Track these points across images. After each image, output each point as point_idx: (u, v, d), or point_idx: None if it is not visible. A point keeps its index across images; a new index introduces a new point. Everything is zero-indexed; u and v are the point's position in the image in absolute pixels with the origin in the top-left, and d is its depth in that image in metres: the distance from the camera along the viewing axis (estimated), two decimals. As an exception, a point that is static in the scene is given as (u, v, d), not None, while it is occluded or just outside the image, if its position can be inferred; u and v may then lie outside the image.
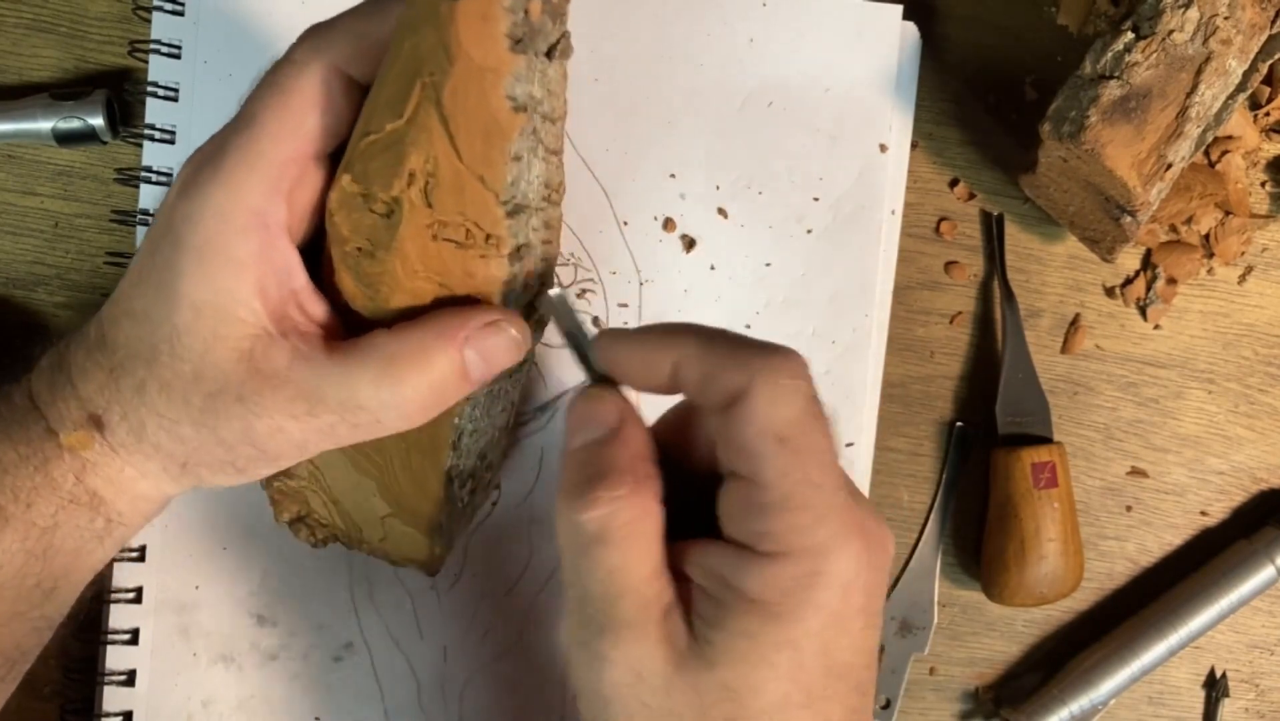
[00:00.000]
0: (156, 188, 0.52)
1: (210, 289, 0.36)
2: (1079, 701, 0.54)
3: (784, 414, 0.33)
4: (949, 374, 0.56)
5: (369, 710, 0.53)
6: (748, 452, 0.33)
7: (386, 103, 0.35)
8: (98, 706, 0.52)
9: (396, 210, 0.36)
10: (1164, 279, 0.56)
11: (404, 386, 0.36)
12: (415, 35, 0.34)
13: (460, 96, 0.34)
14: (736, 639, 0.33)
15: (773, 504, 0.32)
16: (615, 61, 0.54)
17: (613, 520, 0.33)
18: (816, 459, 0.33)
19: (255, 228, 0.36)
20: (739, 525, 0.33)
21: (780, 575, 0.32)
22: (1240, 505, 0.57)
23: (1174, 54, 0.47)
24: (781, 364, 0.33)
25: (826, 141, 0.54)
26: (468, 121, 0.35)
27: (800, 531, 0.32)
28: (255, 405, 0.36)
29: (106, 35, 0.53)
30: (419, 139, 0.35)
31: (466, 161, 0.35)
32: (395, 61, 0.35)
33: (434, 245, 0.37)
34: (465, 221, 0.36)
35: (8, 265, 0.53)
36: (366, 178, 0.36)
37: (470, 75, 0.34)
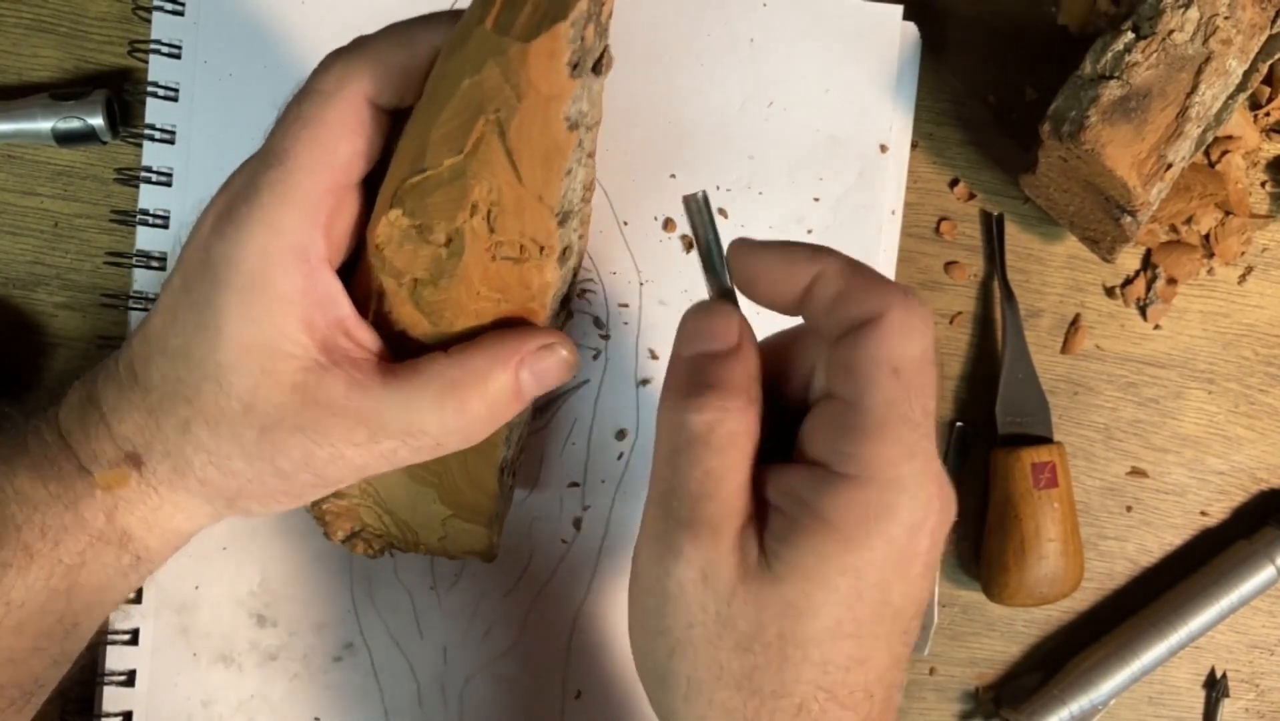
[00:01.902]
0: (156, 188, 0.52)
1: (256, 327, 0.36)
2: (1079, 701, 0.54)
3: (908, 348, 0.33)
4: (949, 374, 0.56)
5: (369, 710, 0.53)
6: (861, 376, 0.33)
7: (443, 140, 0.35)
8: (98, 706, 0.52)
9: (458, 239, 0.37)
10: (1164, 279, 0.56)
11: (466, 411, 0.37)
12: (476, 74, 0.34)
13: (525, 128, 0.35)
14: (804, 556, 0.33)
15: (869, 428, 0.33)
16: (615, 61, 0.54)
17: (720, 426, 0.34)
18: (922, 401, 0.33)
19: (297, 263, 0.36)
20: (827, 444, 0.34)
21: (857, 498, 0.33)
22: (1240, 505, 0.57)
23: (1174, 54, 0.47)
24: (917, 305, 0.34)
25: (826, 141, 0.54)
26: (530, 149, 0.35)
27: (887, 462, 0.33)
28: (315, 435, 0.37)
29: (106, 35, 0.53)
30: (481, 172, 0.35)
31: (527, 185, 0.36)
32: (449, 99, 0.35)
33: (494, 265, 0.37)
34: (522, 239, 0.37)
35: (8, 265, 0.53)
36: (424, 212, 0.37)
37: (536, 107, 0.34)
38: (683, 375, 0.35)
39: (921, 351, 0.33)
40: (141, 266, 0.52)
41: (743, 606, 0.33)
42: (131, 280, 0.53)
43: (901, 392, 0.33)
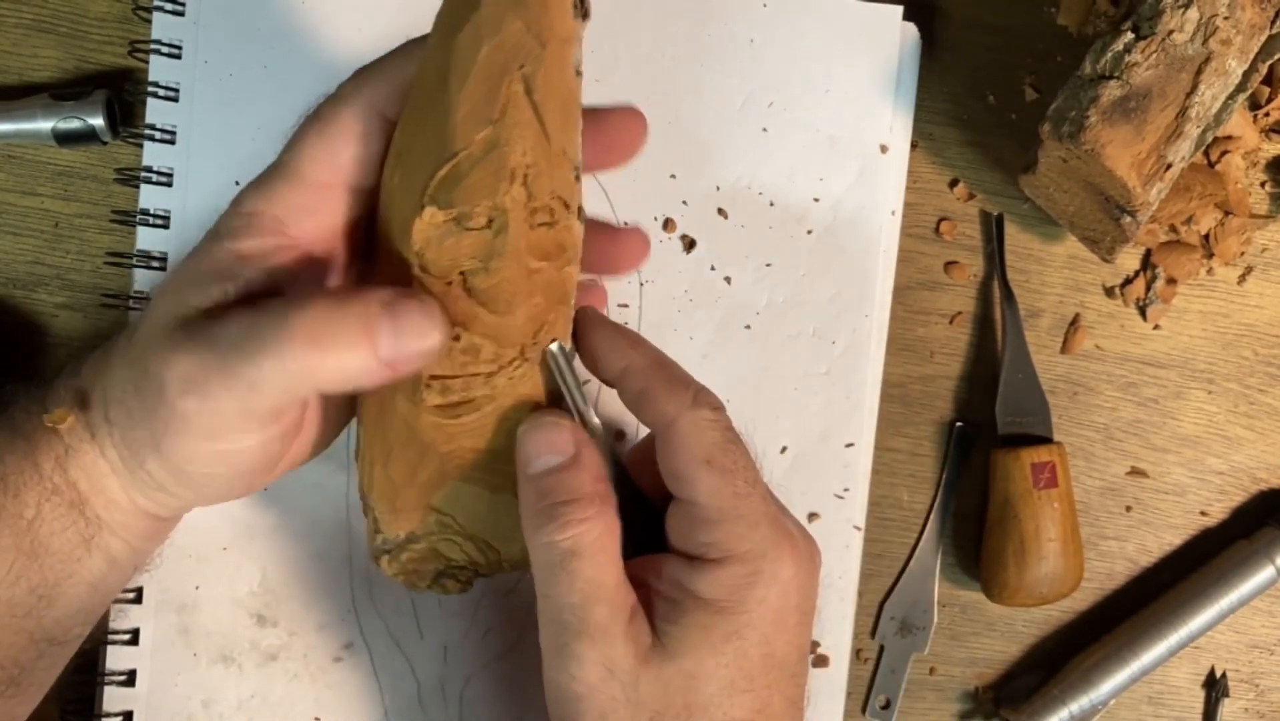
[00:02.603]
0: (156, 188, 0.52)
1: (199, 264, 0.37)
2: (1079, 701, 0.54)
3: (707, 439, 0.38)
4: (949, 374, 0.56)
5: (369, 710, 0.53)
6: (682, 476, 0.38)
7: (469, 116, 0.35)
8: (98, 706, 0.52)
9: (499, 216, 0.36)
10: (1164, 279, 0.56)
11: (303, 330, 0.34)
12: (496, 35, 0.35)
13: (548, 78, 0.35)
14: (692, 631, 0.38)
15: (711, 520, 0.38)
16: (616, 61, 0.54)
17: (585, 537, 0.37)
18: (742, 475, 0.38)
19: (273, 231, 0.37)
20: (686, 540, 0.38)
21: (726, 576, 0.38)
22: (1240, 505, 0.57)
23: (1174, 54, 0.47)
24: (703, 399, 0.38)
25: (826, 141, 0.54)
26: (553, 101, 0.36)
27: (738, 539, 0.38)
28: (166, 351, 0.35)
29: (106, 35, 0.53)
30: (514, 136, 0.36)
31: (553, 141, 0.36)
32: (467, 74, 0.35)
33: (534, 234, 0.37)
34: (552, 200, 0.37)
35: (8, 265, 0.53)
36: (462, 198, 0.36)
37: (555, 54, 0.35)
38: (533, 496, 0.38)
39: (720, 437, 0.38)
40: (142, 267, 0.52)
41: (649, 686, 0.37)
42: (132, 280, 0.53)
43: (722, 479, 0.38)
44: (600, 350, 0.40)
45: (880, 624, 0.56)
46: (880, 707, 0.56)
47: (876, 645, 0.56)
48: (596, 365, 0.40)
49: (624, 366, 0.39)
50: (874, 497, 0.55)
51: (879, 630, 0.56)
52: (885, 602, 0.56)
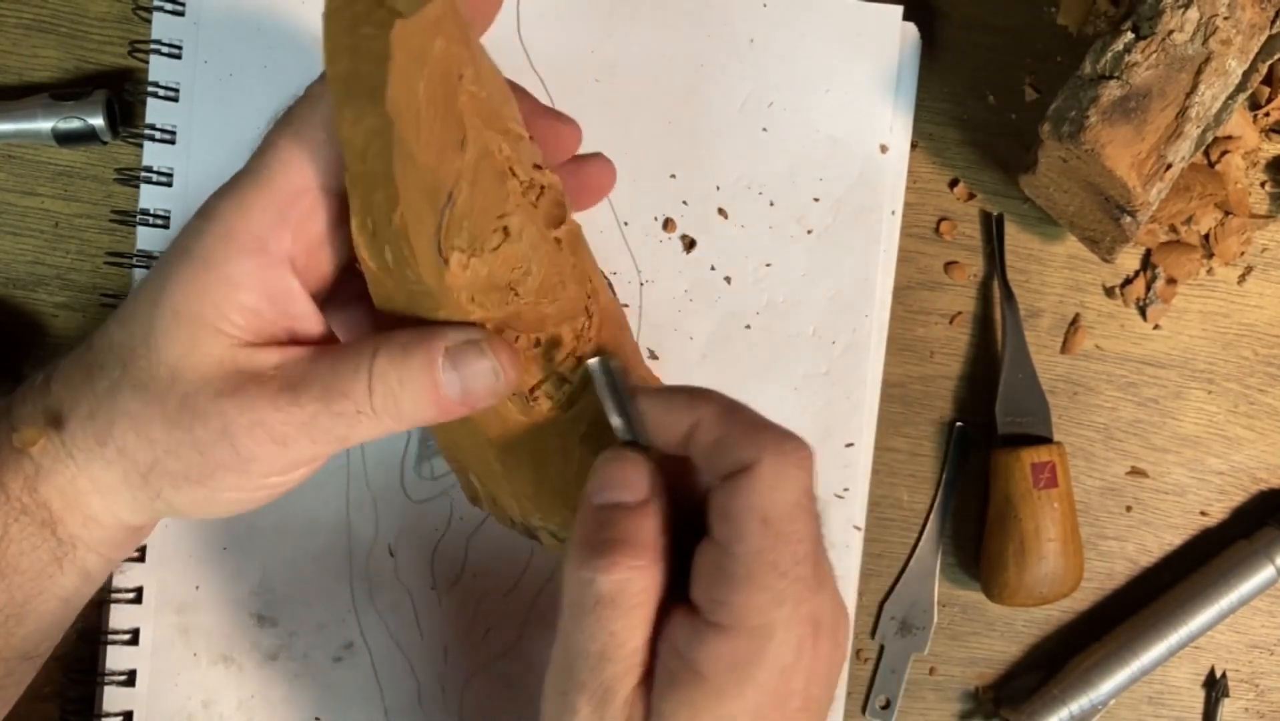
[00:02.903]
0: (157, 188, 0.52)
1: (196, 300, 0.36)
2: (1079, 701, 0.54)
3: (778, 498, 0.35)
4: (949, 374, 0.56)
5: (369, 710, 0.53)
6: (732, 524, 0.35)
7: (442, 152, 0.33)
8: (98, 706, 0.52)
9: (513, 217, 0.36)
10: (1164, 279, 0.56)
11: (382, 381, 0.36)
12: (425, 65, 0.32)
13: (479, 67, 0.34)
14: (680, 709, 0.35)
15: (737, 577, 0.35)
16: (615, 62, 0.54)
17: (628, 586, 0.35)
18: (791, 548, 0.35)
19: (255, 252, 0.36)
20: (704, 588, 0.35)
21: (725, 649, 0.35)
22: (1240, 505, 0.57)
23: (1174, 54, 0.47)
24: (792, 450, 0.35)
25: (826, 141, 0.54)
26: (489, 83, 0.35)
27: (754, 609, 0.34)
28: (237, 399, 0.36)
29: (106, 35, 0.53)
30: (485, 140, 0.35)
31: (506, 119, 0.36)
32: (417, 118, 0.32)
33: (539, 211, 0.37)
34: (532, 172, 0.37)
35: (8, 265, 0.53)
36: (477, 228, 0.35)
37: (474, 41, 0.34)
38: (591, 525, 0.36)
39: (794, 499, 0.35)
40: (142, 267, 0.52)
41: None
42: (132, 281, 0.53)
43: (769, 542, 0.34)
44: (659, 415, 0.37)
45: (880, 624, 0.56)
46: (880, 707, 0.56)
47: (876, 645, 0.56)
48: (660, 432, 0.37)
49: (692, 422, 0.36)
50: (874, 497, 0.55)
51: (879, 630, 0.56)
52: (885, 602, 0.56)
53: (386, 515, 0.53)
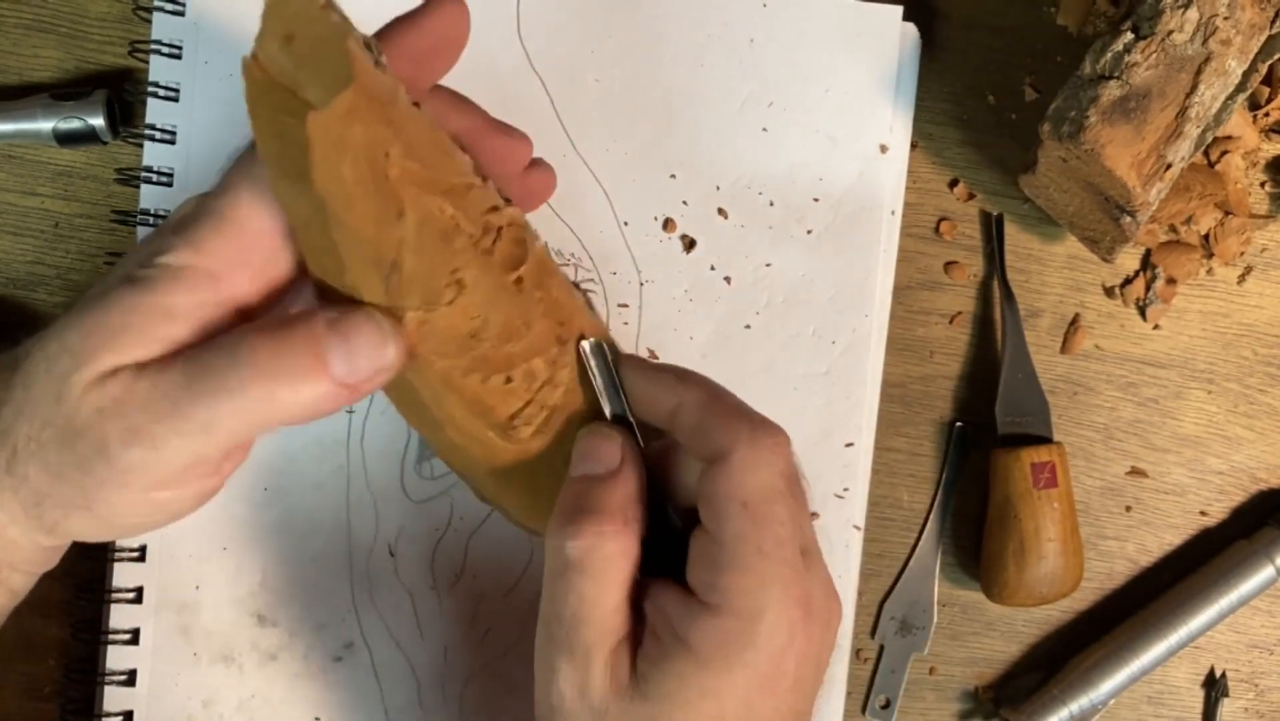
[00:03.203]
0: (157, 188, 0.52)
1: (120, 316, 0.34)
2: (1079, 701, 0.54)
3: (754, 482, 0.36)
4: (949, 374, 0.56)
5: (369, 710, 0.53)
6: (715, 510, 0.36)
7: (378, 226, 0.33)
8: (98, 706, 0.52)
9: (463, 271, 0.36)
10: (1164, 279, 0.56)
11: (247, 351, 0.33)
12: (346, 151, 0.32)
13: (408, 138, 0.34)
14: (669, 679, 0.36)
15: (723, 562, 0.36)
16: (615, 61, 0.54)
17: (593, 552, 0.37)
18: (772, 529, 0.36)
19: (205, 288, 0.34)
20: (696, 570, 0.37)
21: (716, 627, 0.36)
22: (1240, 505, 0.57)
23: (1173, 54, 0.47)
24: (764, 436, 0.36)
25: (826, 141, 0.54)
26: (422, 148, 0.34)
27: (742, 592, 0.36)
28: (109, 408, 0.34)
29: (106, 35, 0.53)
30: (424, 205, 0.34)
31: (447, 174, 0.35)
32: (350, 200, 0.32)
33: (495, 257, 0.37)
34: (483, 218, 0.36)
35: (8, 265, 0.53)
36: (425, 288, 0.35)
37: (398, 115, 0.33)
38: (567, 499, 0.38)
39: (769, 482, 0.36)
40: (142, 266, 0.52)
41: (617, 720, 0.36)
42: (132, 280, 0.53)
43: (750, 525, 0.36)
44: (645, 391, 0.39)
45: (880, 624, 0.56)
46: (880, 707, 0.56)
47: (876, 645, 0.56)
48: (646, 407, 0.39)
49: (676, 403, 0.38)
50: (874, 497, 0.55)
51: (879, 630, 0.56)
52: (885, 602, 0.56)
53: (386, 515, 0.53)
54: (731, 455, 0.36)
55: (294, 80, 0.32)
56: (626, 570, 0.37)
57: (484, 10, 0.53)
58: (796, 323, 0.54)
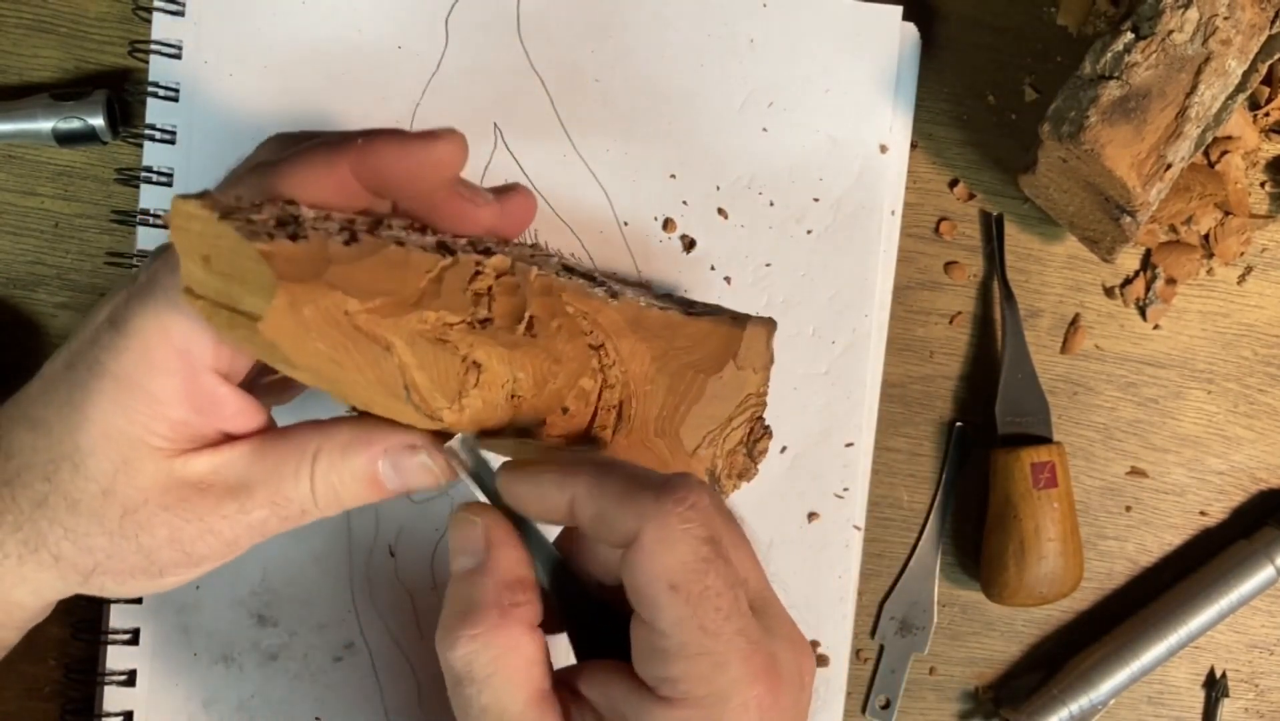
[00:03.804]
0: (157, 188, 0.52)
1: (124, 418, 0.35)
2: (1079, 701, 0.54)
3: (673, 560, 0.32)
4: (949, 374, 0.56)
5: (369, 710, 0.53)
6: (643, 598, 0.33)
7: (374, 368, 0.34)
8: (98, 706, 0.52)
9: (474, 351, 0.36)
10: (1164, 279, 0.56)
11: (322, 482, 0.37)
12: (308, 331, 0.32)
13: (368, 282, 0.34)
14: None
15: (670, 651, 0.32)
16: (615, 61, 0.54)
17: (476, 659, 0.34)
18: (711, 604, 0.32)
19: (180, 367, 0.35)
20: (643, 664, 0.34)
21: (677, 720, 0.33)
22: (1240, 505, 0.57)
23: (1173, 54, 0.47)
24: (672, 507, 0.33)
25: (826, 141, 0.54)
26: (383, 280, 0.34)
27: (698, 680, 0.32)
28: (182, 511, 0.36)
29: (106, 35, 0.53)
30: (404, 331, 0.35)
31: (414, 280, 0.35)
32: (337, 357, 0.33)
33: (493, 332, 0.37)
34: (469, 304, 0.36)
35: (8, 265, 0.53)
36: (448, 385, 0.36)
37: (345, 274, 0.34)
38: (446, 604, 0.35)
39: (690, 555, 0.32)
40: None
41: None
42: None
43: (687, 608, 0.32)
44: (530, 495, 0.35)
45: (880, 624, 0.56)
46: (880, 707, 0.56)
47: (876, 645, 0.56)
48: (540, 512, 0.36)
49: (568, 499, 0.34)
50: (874, 497, 0.55)
51: (879, 630, 0.56)
52: (885, 602, 0.56)
53: (386, 515, 0.53)
54: (642, 537, 0.33)
55: (229, 296, 0.32)
56: (521, 665, 0.34)
57: (484, 10, 0.53)
58: (796, 323, 0.54)
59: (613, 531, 0.34)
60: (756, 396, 0.46)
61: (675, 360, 0.43)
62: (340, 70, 0.52)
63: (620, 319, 0.41)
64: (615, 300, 0.41)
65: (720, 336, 0.44)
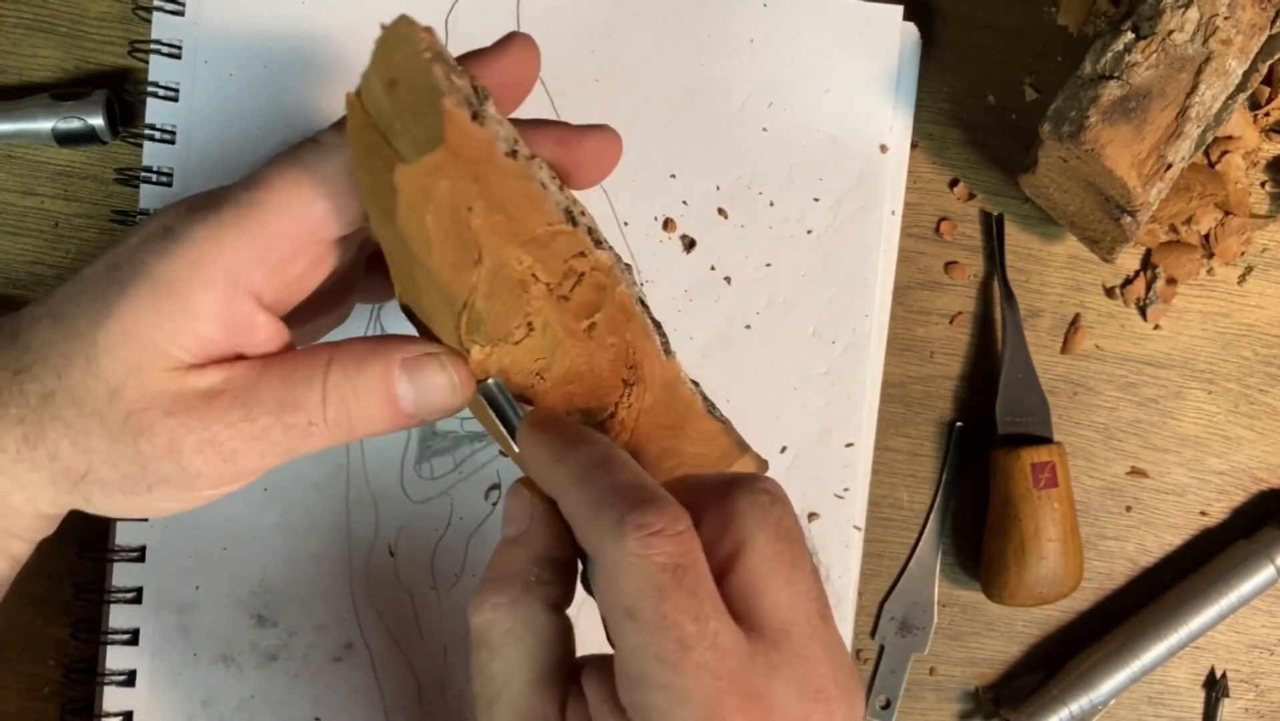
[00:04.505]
0: (156, 188, 0.52)
1: (151, 322, 0.34)
2: (1079, 701, 0.54)
3: (629, 585, 0.31)
4: (949, 374, 0.56)
5: (369, 710, 0.53)
6: (605, 619, 0.32)
7: (454, 271, 0.34)
8: (98, 706, 0.52)
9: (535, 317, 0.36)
10: (1164, 279, 0.56)
11: (335, 393, 0.36)
12: (429, 203, 0.32)
13: (494, 195, 0.34)
14: None
15: (632, 679, 0.31)
16: (615, 61, 0.54)
17: (493, 627, 0.34)
18: (670, 634, 0.30)
19: (225, 286, 0.34)
20: (619, 685, 0.32)
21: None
22: (1240, 505, 0.57)
23: (1174, 54, 0.47)
24: (631, 531, 0.31)
25: (826, 141, 0.54)
26: (510, 202, 0.34)
27: (658, 711, 0.30)
28: (186, 418, 0.35)
29: (106, 35, 0.53)
30: (502, 255, 0.35)
31: (530, 226, 0.35)
32: (429, 242, 0.33)
33: (571, 304, 0.37)
34: (567, 263, 0.37)
35: (8, 265, 0.53)
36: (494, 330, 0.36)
37: (488, 173, 0.34)
38: (488, 564, 0.36)
39: (645, 582, 0.30)
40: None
41: None
42: (131, 280, 0.53)
43: (642, 636, 0.30)
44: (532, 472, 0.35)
45: (880, 624, 0.56)
46: (880, 707, 0.56)
47: (876, 645, 0.56)
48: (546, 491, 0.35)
49: (555, 491, 0.34)
50: (874, 497, 0.55)
51: (879, 630, 0.56)
52: (885, 602, 0.56)
53: (386, 515, 0.53)
54: (600, 557, 0.31)
55: (389, 126, 0.32)
56: (534, 643, 0.34)
57: (484, 10, 0.53)
58: (796, 323, 0.54)
59: (580, 537, 0.33)
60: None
61: (676, 440, 0.43)
62: (341, 70, 0.52)
63: (661, 375, 0.41)
64: (666, 356, 0.41)
65: (723, 447, 0.44)
